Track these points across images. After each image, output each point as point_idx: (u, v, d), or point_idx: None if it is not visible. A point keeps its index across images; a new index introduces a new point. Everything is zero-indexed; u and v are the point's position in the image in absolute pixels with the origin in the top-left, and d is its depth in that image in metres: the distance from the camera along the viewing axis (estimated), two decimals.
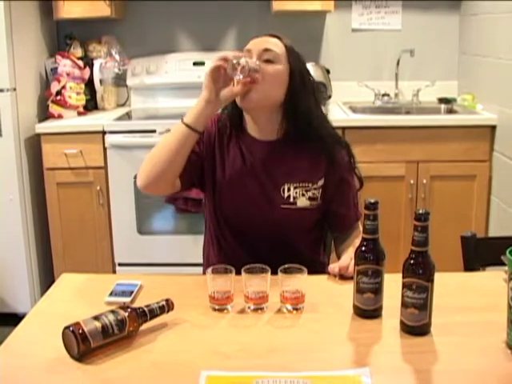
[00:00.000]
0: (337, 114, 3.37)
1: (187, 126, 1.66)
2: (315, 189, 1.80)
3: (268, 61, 1.71)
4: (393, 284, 1.40)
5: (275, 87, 1.72)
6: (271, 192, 1.79)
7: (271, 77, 1.70)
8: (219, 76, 1.65)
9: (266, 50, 1.72)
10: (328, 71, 3.63)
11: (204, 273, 1.95)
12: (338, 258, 1.80)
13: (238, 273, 1.50)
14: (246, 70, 1.63)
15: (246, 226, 1.80)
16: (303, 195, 1.79)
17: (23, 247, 3.23)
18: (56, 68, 3.47)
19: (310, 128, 1.76)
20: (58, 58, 3.46)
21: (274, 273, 1.49)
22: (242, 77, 1.63)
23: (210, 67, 1.65)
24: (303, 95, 1.74)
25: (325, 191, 1.81)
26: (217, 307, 1.50)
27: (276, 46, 1.74)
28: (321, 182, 1.81)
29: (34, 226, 3.31)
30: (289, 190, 1.78)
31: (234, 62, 1.62)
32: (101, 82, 3.61)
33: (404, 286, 1.35)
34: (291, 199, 1.79)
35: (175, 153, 1.68)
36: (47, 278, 3.34)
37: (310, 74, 1.81)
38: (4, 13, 2.99)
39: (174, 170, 1.71)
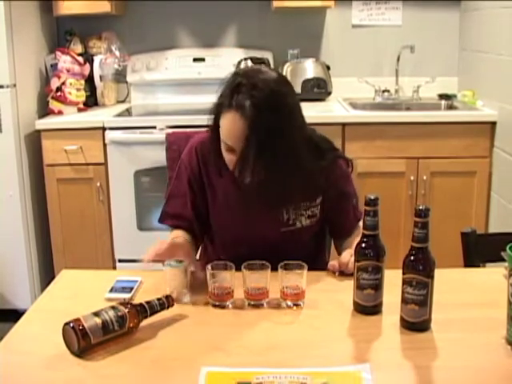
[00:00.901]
0: (337, 110, 3.37)
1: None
2: (314, 206, 1.79)
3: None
4: (393, 280, 1.40)
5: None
6: (270, 217, 1.76)
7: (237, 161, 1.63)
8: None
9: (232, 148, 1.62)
10: (328, 67, 3.63)
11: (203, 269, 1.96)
12: (339, 254, 1.80)
13: (238, 269, 1.51)
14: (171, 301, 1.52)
15: (243, 248, 1.71)
16: (302, 215, 1.77)
17: (23, 243, 3.23)
18: (56, 64, 3.46)
19: (294, 174, 1.66)
20: (58, 54, 3.45)
21: (274, 269, 1.49)
22: None
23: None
24: (275, 151, 1.59)
25: (323, 206, 1.80)
26: (217, 303, 1.50)
27: (242, 135, 1.57)
28: (319, 200, 1.79)
29: (34, 223, 3.31)
30: (287, 212, 1.76)
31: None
32: (101, 78, 3.60)
33: (404, 282, 1.36)
34: (291, 221, 1.77)
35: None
36: (47, 274, 3.34)
37: (290, 115, 1.64)
38: (4, 9, 2.98)
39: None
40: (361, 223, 1.51)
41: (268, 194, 1.67)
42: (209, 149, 1.77)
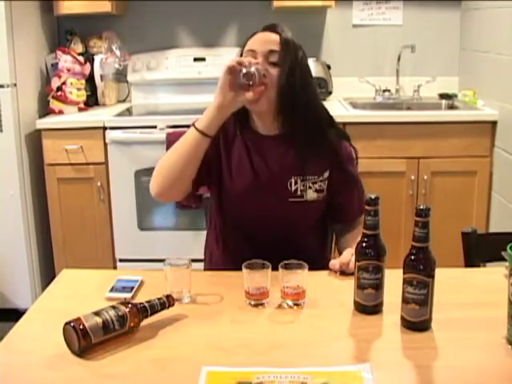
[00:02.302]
0: (337, 109, 3.37)
1: (200, 131, 1.67)
2: (321, 181, 1.80)
3: (272, 63, 1.70)
4: (393, 280, 1.40)
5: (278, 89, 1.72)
6: (279, 186, 1.78)
7: (276, 81, 1.70)
8: (234, 81, 1.65)
9: (271, 51, 1.71)
10: (329, 67, 3.63)
11: (205, 269, 1.96)
12: (339, 252, 1.80)
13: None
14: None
15: (253, 221, 1.79)
16: (310, 188, 1.79)
17: (24, 243, 3.23)
18: (56, 64, 3.46)
19: (307, 122, 1.76)
20: (59, 53, 3.45)
21: (276, 268, 1.49)
22: (248, 84, 1.64)
23: (228, 73, 1.64)
24: (294, 92, 1.72)
25: (330, 183, 1.82)
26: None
27: (277, 44, 1.72)
28: (326, 174, 1.81)
29: (35, 222, 3.31)
30: (296, 183, 1.78)
31: (245, 71, 1.62)
32: (101, 77, 3.61)
33: (405, 281, 1.36)
34: (299, 192, 1.78)
35: (188, 159, 1.69)
36: (48, 274, 3.34)
37: (307, 68, 1.80)
38: (4, 8, 2.98)
39: (188, 175, 1.72)
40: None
41: (289, 138, 1.75)
42: (230, 120, 1.78)
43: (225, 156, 1.82)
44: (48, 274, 3.34)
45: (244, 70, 1.63)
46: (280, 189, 1.78)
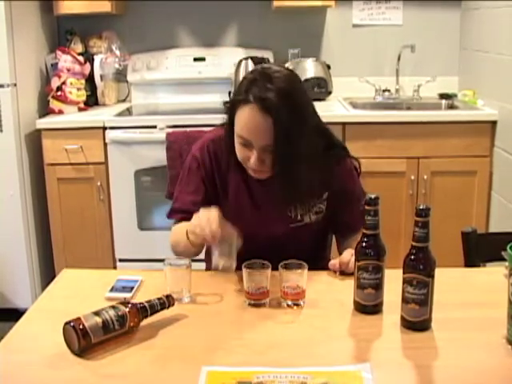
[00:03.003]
0: (337, 109, 3.37)
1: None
2: (320, 203, 1.80)
3: (267, 152, 1.64)
4: (393, 280, 1.40)
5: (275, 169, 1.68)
6: (278, 214, 1.78)
7: (272, 166, 1.66)
8: None
9: (267, 145, 1.62)
10: (329, 67, 3.63)
11: (206, 269, 1.96)
12: (340, 253, 1.80)
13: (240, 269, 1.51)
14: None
15: (252, 241, 1.70)
16: (309, 211, 1.79)
17: (24, 243, 3.23)
18: (56, 63, 3.46)
19: (304, 169, 1.69)
20: (59, 53, 3.45)
21: (276, 268, 1.49)
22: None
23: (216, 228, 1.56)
24: (296, 156, 1.65)
25: (329, 202, 1.82)
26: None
27: (272, 132, 1.59)
28: (325, 195, 1.81)
29: (35, 222, 3.31)
30: (295, 209, 1.78)
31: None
32: (101, 77, 3.60)
33: (405, 281, 1.36)
34: (298, 217, 1.78)
35: (190, 248, 1.69)
36: (48, 274, 3.34)
37: (305, 114, 1.68)
38: (4, 8, 2.98)
39: (195, 252, 1.73)
40: None
41: (286, 188, 1.69)
42: (221, 146, 1.79)
43: (220, 184, 1.81)
44: (48, 274, 3.34)
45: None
46: (279, 216, 1.78)
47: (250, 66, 3.45)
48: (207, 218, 1.55)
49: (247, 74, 1.71)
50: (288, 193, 1.71)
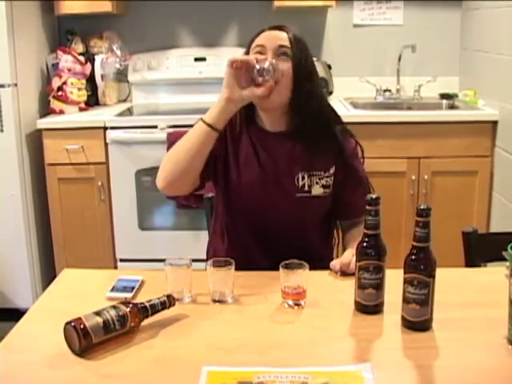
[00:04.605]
0: (338, 109, 3.32)
1: (208, 124, 1.66)
2: (327, 176, 1.81)
3: (283, 56, 1.71)
4: (394, 280, 1.40)
5: (289, 85, 1.72)
6: (286, 181, 1.79)
7: (286, 76, 1.70)
8: (241, 75, 1.64)
9: (281, 46, 1.71)
10: (329, 67, 3.63)
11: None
12: (345, 249, 1.80)
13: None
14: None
15: (260, 215, 1.79)
16: (317, 183, 1.80)
17: (24, 243, 3.23)
18: (57, 63, 3.46)
19: (317, 118, 1.78)
20: (60, 53, 3.45)
21: (280, 263, 1.49)
22: (261, 80, 1.63)
23: (230, 66, 1.63)
24: (308, 87, 1.74)
25: (335, 179, 1.82)
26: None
27: (287, 40, 1.73)
28: (332, 170, 1.82)
29: (36, 222, 3.31)
30: (303, 178, 1.79)
31: (258, 67, 1.62)
32: (102, 77, 3.61)
33: (405, 281, 1.36)
34: (306, 188, 1.79)
35: (196, 152, 1.68)
36: (48, 274, 3.34)
37: (313, 64, 1.81)
38: (5, 9, 2.98)
39: (195, 169, 1.71)
40: None
41: (299, 117, 1.76)
42: (236, 115, 1.79)
43: (232, 151, 1.82)
44: (49, 274, 3.34)
45: (258, 66, 1.63)
46: (287, 184, 1.79)
47: None
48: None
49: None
50: (300, 122, 1.77)
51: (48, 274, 3.35)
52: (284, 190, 1.80)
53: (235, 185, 1.81)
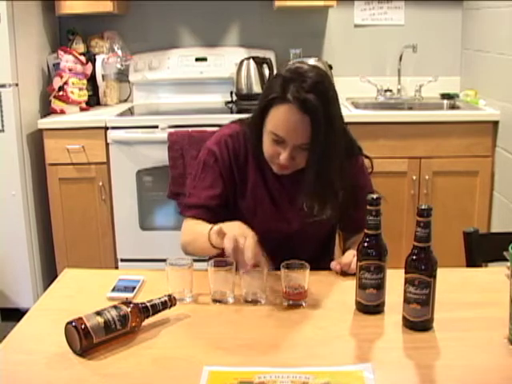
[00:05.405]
0: None
1: (212, 245, 1.61)
2: (336, 200, 1.79)
3: (300, 150, 1.66)
4: (395, 280, 1.40)
5: (304, 161, 1.69)
6: (295, 208, 1.78)
7: (304, 163, 1.68)
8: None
9: (302, 144, 1.64)
10: (330, 67, 3.62)
11: None
12: (343, 251, 1.80)
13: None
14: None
15: (266, 233, 1.68)
16: (326, 207, 1.77)
17: (25, 242, 3.23)
18: (58, 63, 3.46)
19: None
20: (61, 53, 3.45)
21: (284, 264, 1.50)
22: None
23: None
24: (327, 165, 1.69)
25: (342, 198, 1.80)
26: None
27: (308, 132, 1.62)
28: (340, 194, 1.80)
29: (37, 222, 3.32)
30: (313, 206, 1.76)
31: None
32: (103, 77, 3.61)
33: (406, 281, 1.36)
34: (315, 213, 1.77)
35: (207, 253, 1.67)
36: (50, 274, 3.35)
37: (337, 121, 1.71)
38: (6, 8, 2.98)
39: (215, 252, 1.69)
40: None
41: (317, 185, 1.70)
42: (239, 141, 1.79)
43: (239, 179, 1.80)
44: (50, 274, 3.34)
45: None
46: (296, 211, 1.78)
47: (252, 65, 3.45)
48: (242, 232, 1.52)
49: (279, 72, 1.72)
50: (318, 189, 1.71)
51: (49, 274, 3.35)
52: (293, 217, 1.80)
53: (241, 209, 1.81)
